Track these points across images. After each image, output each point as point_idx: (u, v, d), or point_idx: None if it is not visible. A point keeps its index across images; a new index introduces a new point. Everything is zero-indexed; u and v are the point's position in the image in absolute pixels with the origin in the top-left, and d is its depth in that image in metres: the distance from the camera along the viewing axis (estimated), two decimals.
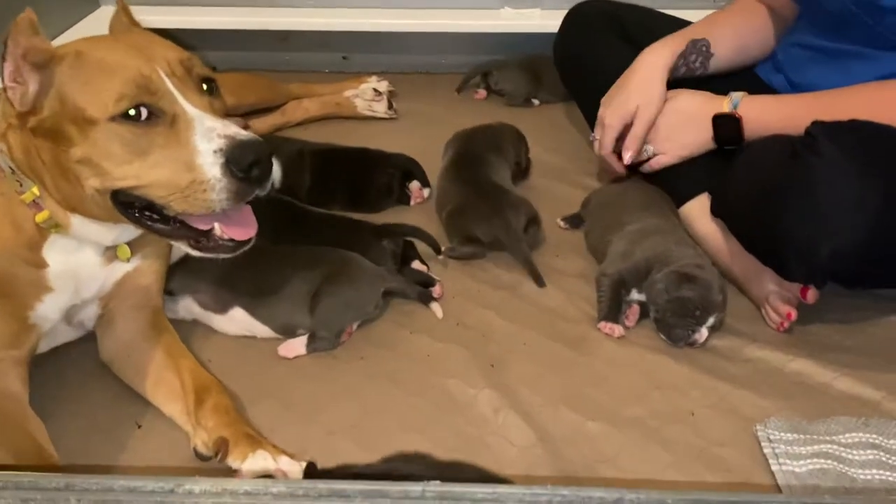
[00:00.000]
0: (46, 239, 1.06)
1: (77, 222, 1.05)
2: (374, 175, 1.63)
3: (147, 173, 0.95)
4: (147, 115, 0.94)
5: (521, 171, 1.73)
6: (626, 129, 1.43)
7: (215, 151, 0.93)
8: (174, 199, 0.96)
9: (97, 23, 2.08)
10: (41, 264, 1.07)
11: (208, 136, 0.94)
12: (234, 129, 0.95)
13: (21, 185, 1.02)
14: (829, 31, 1.32)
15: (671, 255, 1.30)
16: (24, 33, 0.93)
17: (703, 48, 1.44)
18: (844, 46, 1.31)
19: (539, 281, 1.42)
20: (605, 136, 1.46)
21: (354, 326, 1.29)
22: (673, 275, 1.25)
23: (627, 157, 1.44)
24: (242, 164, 0.93)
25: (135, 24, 1.12)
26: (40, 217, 1.03)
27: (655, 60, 1.41)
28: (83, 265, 1.11)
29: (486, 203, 1.48)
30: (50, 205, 1.03)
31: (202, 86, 1.01)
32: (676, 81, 1.44)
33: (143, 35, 1.06)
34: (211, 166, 0.93)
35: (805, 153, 1.11)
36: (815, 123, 1.13)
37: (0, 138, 1.02)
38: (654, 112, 1.40)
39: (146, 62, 0.96)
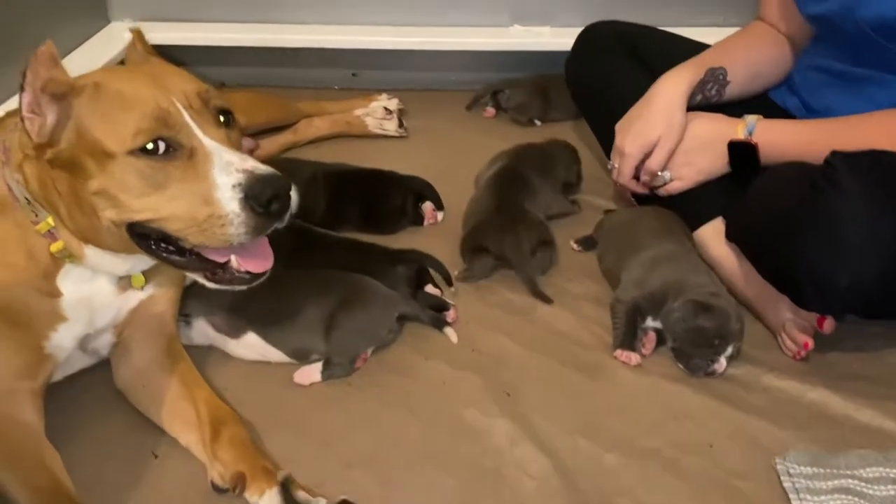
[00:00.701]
0: (61, 268, 1.06)
1: (91, 253, 1.04)
2: (389, 196, 1.62)
3: (164, 206, 0.95)
4: (165, 149, 0.94)
5: (571, 187, 1.73)
6: (645, 156, 1.42)
7: (234, 186, 0.92)
8: (191, 232, 0.95)
9: (107, 40, 2.08)
10: (55, 294, 1.06)
11: (227, 170, 0.93)
12: (252, 163, 0.94)
13: (36, 216, 1.02)
14: (847, 55, 1.31)
15: (686, 282, 1.28)
16: (44, 65, 0.93)
17: (721, 76, 1.42)
18: (862, 71, 1.30)
19: (544, 299, 1.41)
20: (624, 164, 1.44)
21: (369, 352, 1.29)
22: (690, 304, 1.24)
23: (645, 181, 1.44)
24: (261, 199, 0.92)
25: (151, 52, 1.12)
26: (55, 247, 1.03)
27: (674, 89, 1.39)
28: (97, 294, 1.11)
29: (502, 219, 1.49)
30: (65, 235, 1.03)
31: (219, 118, 1.00)
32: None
33: (160, 66, 1.06)
34: (229, 201, 0.92)
35: (823, 184, 1.09)
36: (835, 153, 1.11)
37: (16, 169, 1.02)
38: (675, 141, 1.38)
39: (164, 95, 0.96)
